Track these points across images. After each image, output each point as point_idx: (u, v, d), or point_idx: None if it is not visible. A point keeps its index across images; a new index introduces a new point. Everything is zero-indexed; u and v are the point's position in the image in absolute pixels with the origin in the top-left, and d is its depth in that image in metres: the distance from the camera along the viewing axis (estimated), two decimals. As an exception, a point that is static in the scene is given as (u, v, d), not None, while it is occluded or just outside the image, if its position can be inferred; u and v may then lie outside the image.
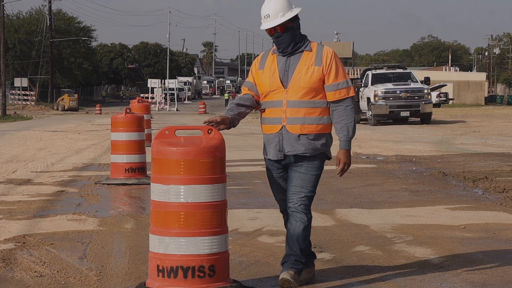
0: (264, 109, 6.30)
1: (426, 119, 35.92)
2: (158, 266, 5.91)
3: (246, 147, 21.87)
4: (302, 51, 6.25)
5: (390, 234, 8.67)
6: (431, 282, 6.56)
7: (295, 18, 6.25)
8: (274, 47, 6.36)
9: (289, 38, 6.21)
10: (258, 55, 6.70)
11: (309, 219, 6.28)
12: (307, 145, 6.21)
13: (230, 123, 6.19)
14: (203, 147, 5.86)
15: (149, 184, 13.38)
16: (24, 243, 8.30)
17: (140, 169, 13.74)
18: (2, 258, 7.53)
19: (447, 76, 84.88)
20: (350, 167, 6.38)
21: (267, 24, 6.22)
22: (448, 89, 70.62)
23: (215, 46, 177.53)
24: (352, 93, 6.26)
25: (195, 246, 5.85)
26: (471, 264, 7.20)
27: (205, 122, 6.02)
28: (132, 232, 9.03)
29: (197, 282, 5.85)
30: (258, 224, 9.42)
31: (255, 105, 6.38)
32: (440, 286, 6.45)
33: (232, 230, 8.95)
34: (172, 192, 5.85)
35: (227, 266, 6.04)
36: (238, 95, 6.48)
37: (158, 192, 5.91)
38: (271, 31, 6.24)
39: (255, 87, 6.37)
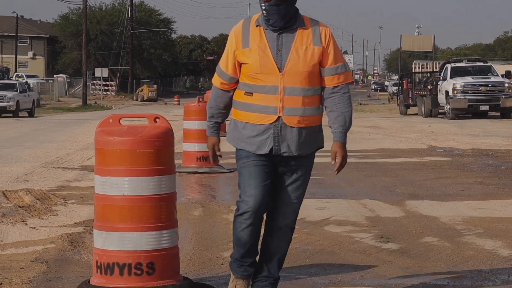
0: (251, 93, 5.21)
1: (506, 113, 35.22)
2: (97, 262, 5.57)
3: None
4: (296, 28, 5.20)
5: (460, 226, 8.52)
6: (498, 275, 6.41)
7: None
8: (256, 16, 5.29)
9: (287, 9, 5.14)
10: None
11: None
12: (309, 143, 5.27)
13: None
14: (141, 137, 5.47)
15: (221, 173, 13.48)
16: (93, 227, 8.40)
17: (212, 158, 13.77)
18: (71, 241, 7.64)
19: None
20: (347, 162, 5.33)
21: None
22: (531, 84, 69.12)
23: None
24: (350, 79, 5.35)
25: (131, 242, 5.46)
26: (541, 257, 7.02)
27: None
28: (200, 219, 9.07)
29: (134, 280, 5.46)
30: (326, 213, 9.36)
31: (227, 103, 5.38)
32: (507, 279, 6.30)
33: (300, 219, 8.86)
34: (109, 184, 5.47)
35: (173, 263, 5.63)
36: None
37: (98, 184, 5.55)
38: None
39: (234, 79, 5.30)
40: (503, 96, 34.85)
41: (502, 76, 36.60)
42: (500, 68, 42.04)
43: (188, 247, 7.42)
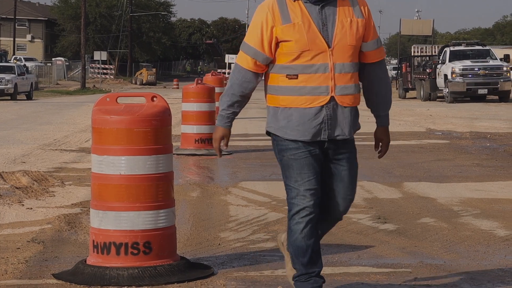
0: (296, 74, 4.71)
1: (504, 97, 35.19)
2: (93, 241, 5.58)
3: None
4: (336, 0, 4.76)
5: (457, 207, 8.53)
6: (495, 254, 6.42)
7: None
8: None
9: None
10: None
11: None
12: (354, 124, 4.84)
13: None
14: (138, 115, 5.44)
15: (219, 155, 13.46)
16: (89, 208, 8.41)
17: (210, 140, 13.76)
18: (68, 221, 7.65)
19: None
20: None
21: None
22: (530, 67, 69.06)
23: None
24: (385, 54, 4.99)
25: (128, 222, 5.46)
26: (538, 238, 7.03)
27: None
28: (197, 200, 9.07)
29: (131, 260, 5.47)
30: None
31: (252, 91, 4.89)
32: (504, 258, 6.31)
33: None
34: (106, 163, 5.46)
35: (171, 243, 5.63)
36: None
37: (94, 163, 5.55)
38: None
39: (268, 60, 4.75)
40: (502, 80, 34.82)
41: (501, 60, 36.57)
42: (499, 52, 42.00)
43: (185, 228, 7.43)
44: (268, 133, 4.88)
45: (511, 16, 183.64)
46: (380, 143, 4.96)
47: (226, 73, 67.89)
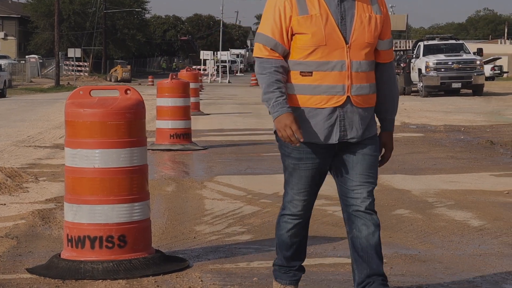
0: (310, 72, 4.36)
1: (478, 90, 35.40)
2: (67, 235, 5.55)
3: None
4: None
5: (431, 199, 8.57)
6: (469, 244, 6.46)
7: None
8: None
9: None
10: None
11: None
12: (371, 125, 4.51)
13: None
14: (112, 108, 5.40)
15: (195, 150, 13.46)
16: (64, 203, 8.38)
17: (185, 135, 13.76)
18: (42, 217, 7.61)
19: (502, 49, 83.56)
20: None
21: None
22: (503, 62, 69.57)
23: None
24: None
25: (102, 215, 5.43)
26: (511, 227, 7.08)
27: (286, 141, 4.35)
28: (173, 194, 9.05)
29: (105, 253, 5.44)
30: (299, 188, 9.35)
31: (286, 75, 4.44)
32: (478, 247, 6.35)
33: (273, 194, 8.94)
34: (79, 157, 5.44)
35: (145, 236, 5.62)
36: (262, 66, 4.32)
37: (68, 156, 5.53)
38: None
39: (286, 52, 4.40)
40: (475, 74, 35.01)
41: (474, 54, 36.76)
42: (472, 46, 42.24)
43: (160, 222, 7.41)
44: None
45: (484, 11, 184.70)
46: (384, 149, 4.62)
47: (201, 70, 67.82)
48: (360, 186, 4.46)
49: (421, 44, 37.29)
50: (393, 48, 4.51)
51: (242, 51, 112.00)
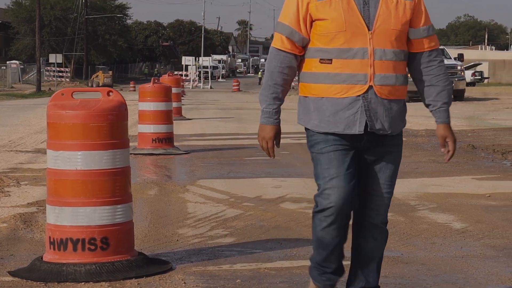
0: (330, 59, 4.15)
1: (459, 95, 35.54)
2: (50, 237, 5.53)
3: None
4: None
5: (413, 202, 8.59)
6: (451, 246, 6.48)
7: None
8: None
9: None
10: None
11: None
12: (398, 120, 4.29)
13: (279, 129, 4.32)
14: (94, 110, 5.40)
15: (177, 154, 13.43)
16: (46, 207, 8.33)
17: (167, 139, 13.73)
18: (23, 220, 7.57)
19: (483, 55, 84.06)
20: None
21: None
22: (484, 68, 69.97)
23: (250, 25, 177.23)
24: (439, 44, 4.42)
25: (85, 217, 5.42)
26: (493, 230, 7.12)
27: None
28: (155, 198, 9.03)
29: (88, 256, 5.43)
30: (282, 191, 9.37)
31: (294, 76, 4.32)
32: (460, 249, 6.37)
33: (255, 197, 8.94)
34: (62, 159, 5.42)
35: (128, 238, 5.62)
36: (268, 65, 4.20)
37: (50, 158, 5.50)
38: None
39: (305, 40, 4.20)
40: (456, 79, 35.16)
41: (455, 59, 36.92)
42: (453, 53, 42.42)
43: (143, 225, 7.39)
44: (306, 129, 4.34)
45: (465, 17, 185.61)
46: (447, 140, 4.38)
47: (183, 75, 67.76)
48: (379, 197, 4.29)
49: (403, 49, 37.38)
50: (435, 35, 4.34)
51: (224, 57, 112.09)
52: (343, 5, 4.11)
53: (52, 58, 63.07)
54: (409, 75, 4.40)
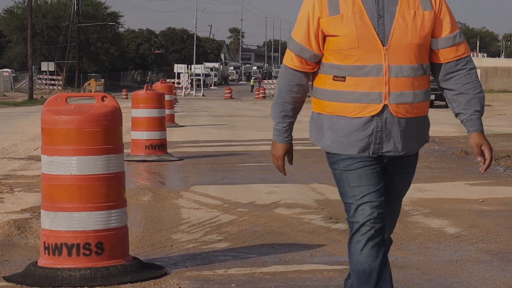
0: (343, 77, 3.95)
1: (451, 103, 35.59)
2: (44, 243, 5.52)
3: (269, 128, 21.81)
4: None
5: (407, 207, 8.60)
6: (445, 251, 6.50)
7: None
8: None
9: None
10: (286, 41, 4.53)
11: None
12: (417, 138, 4.03)
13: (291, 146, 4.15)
14: (89, 115, 5.41)
15: (170, 161, 13.43)
16: (40, 213, 8.33)
17: (160, 146, 13.73)
18: (18, 226, 7.56)
19: (475, 62, 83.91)
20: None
21: None
22: (476, 75, 69.97)
23: (242, 32, 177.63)
24: (469, 50, 4.16)
25: (79, 222, 5.42)
26: (487, 234, 7.14)
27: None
28: (149, 204, 9.03)
29: (83, 260, 5.43)
30: (276, 197, 9.38)
31: (306, 93, 4.10)
32: (454, 254, 6.39)
33: (249, 203, 8.94)
34: (56, 164, 5.43)
35: (123, 243, 5.62)
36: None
37: (45, 164, 5.51)
38: None
39: (317, 57, 4.01)
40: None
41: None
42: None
43: (137, 230, 7.39)
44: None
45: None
46: (483, 148, 4.01)
47: (175, 83, 67.74)
48: (390, 216, 4.10)
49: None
50: (463, 43, 4.07)
51: (216, 65, 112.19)
52: (355, 20, 3.90)
53: (44, 66, 63.01)
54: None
